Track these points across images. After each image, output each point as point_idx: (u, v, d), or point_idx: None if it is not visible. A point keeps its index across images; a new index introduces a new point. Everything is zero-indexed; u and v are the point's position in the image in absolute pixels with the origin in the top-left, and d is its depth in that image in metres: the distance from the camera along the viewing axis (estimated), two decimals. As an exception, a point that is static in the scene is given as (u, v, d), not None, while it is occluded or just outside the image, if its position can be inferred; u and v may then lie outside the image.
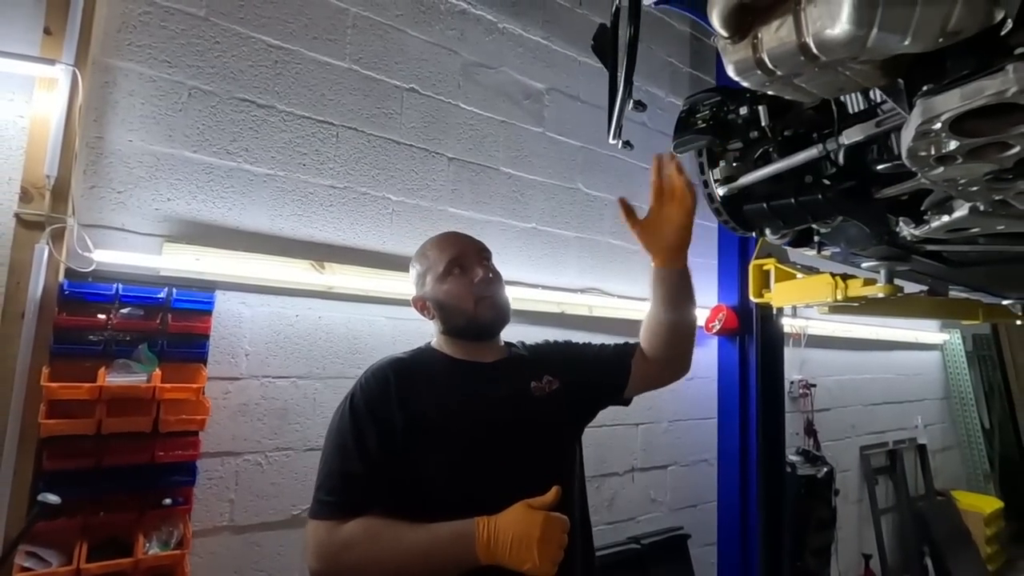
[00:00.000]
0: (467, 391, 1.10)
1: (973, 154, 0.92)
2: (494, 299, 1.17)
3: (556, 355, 1.28)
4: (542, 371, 1.20)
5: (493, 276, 1.19)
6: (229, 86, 1.76)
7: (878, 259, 1.89)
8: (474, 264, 1.18)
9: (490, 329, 1.18)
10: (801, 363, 3.67)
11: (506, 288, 1.22)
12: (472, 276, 1.16)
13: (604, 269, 2.71)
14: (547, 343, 1.35)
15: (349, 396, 1.07)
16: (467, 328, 1.16)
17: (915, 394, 4.81)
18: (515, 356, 1.24)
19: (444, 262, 1.16)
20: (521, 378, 1.17)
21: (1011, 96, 0.75)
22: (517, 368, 1.19)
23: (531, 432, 1.10)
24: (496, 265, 1.23)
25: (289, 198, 1.84)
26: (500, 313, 1.18)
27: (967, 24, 0.74)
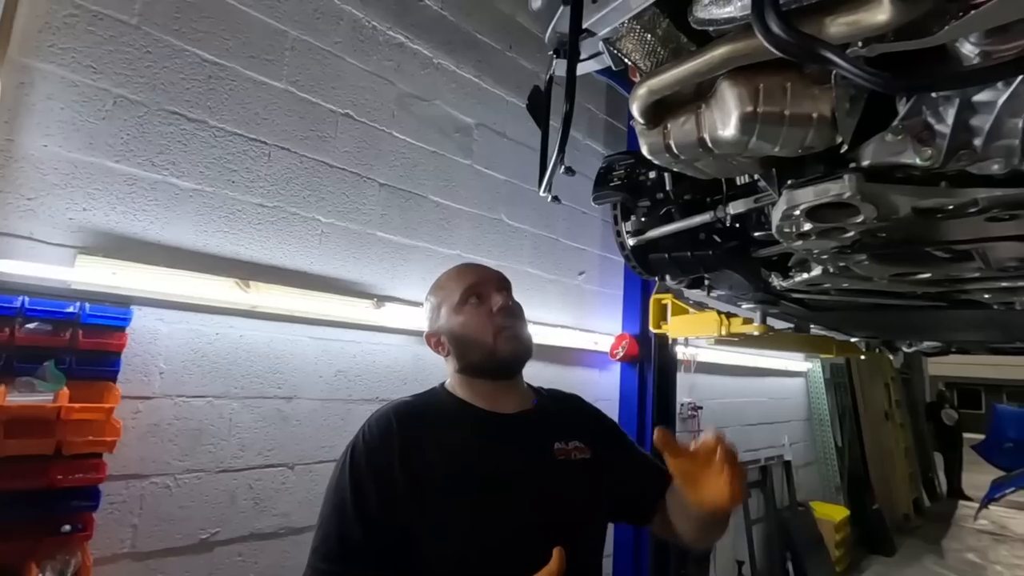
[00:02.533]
0: (479, 447, 0.99)
1: (823, 233, 1.18)
2: (515, 331, 1.08)
3: (594, 422, 1.17)
4: (573, 433, 1.08)
5: (514, 306, 1.13)
6: (159, 97, 1.72)
7: (755, 303, 2.20)
8: (492, 293, 1.11)
9: (511, 365, 1.08)
10: (690, 387, 4.05)
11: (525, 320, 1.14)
12: (490, 305, 1.08)
13: (521, 296, 2.86)
14: (580, 401, 1.24)
15: (351, 446, 0.98)
16: (485, 364, 1.05)
17: (783, 416, 5.44)
18: (540, 408, 1.11)
19: (460, 291, 1.09)
20: (544, 435, 1.05)
21: (846, 198, 0.99)
22: (540, 423, 1.07)
23: (546, 503, 0.98)
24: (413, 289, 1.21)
25: (216, 214, 1.82)
26: (522, 347, 1.09)
27: (817, 143, 0.97)
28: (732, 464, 0.96)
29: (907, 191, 0.96)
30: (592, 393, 3.24)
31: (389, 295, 2.26)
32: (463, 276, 1.13)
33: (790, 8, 0.77)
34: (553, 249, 3.06)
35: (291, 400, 1.96)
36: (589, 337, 3.19)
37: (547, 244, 3.02)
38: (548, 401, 1.15)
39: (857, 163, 1.01)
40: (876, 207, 1.01)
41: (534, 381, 1.20)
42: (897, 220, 1.06)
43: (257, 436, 1.87)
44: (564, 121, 1.14)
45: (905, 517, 6.69)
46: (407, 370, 2.31)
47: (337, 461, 0.97)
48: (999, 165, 0.87)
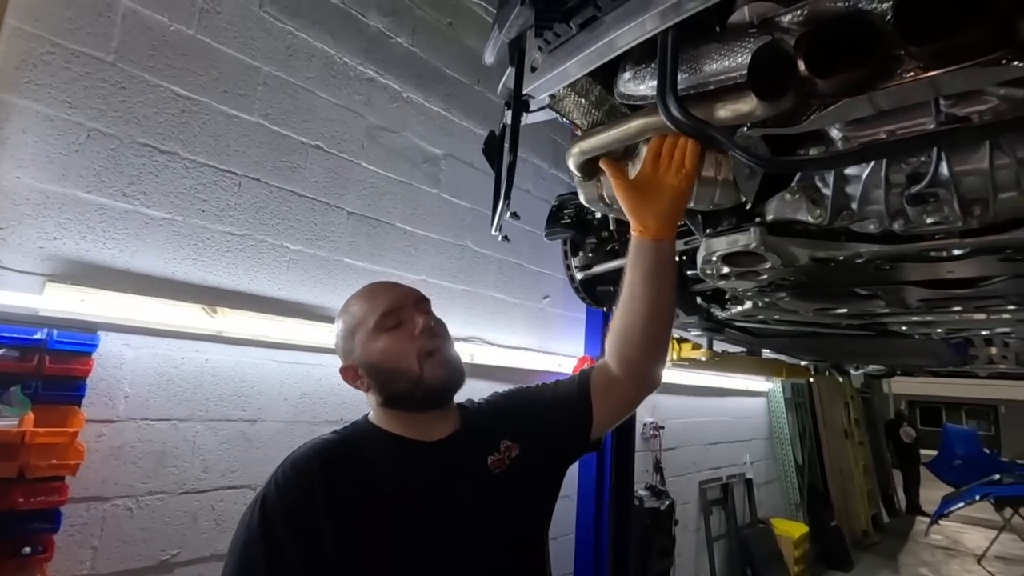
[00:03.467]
0: (414, 482, 0.92)
1: (741, 275, 1.31)
2: (443, 354, 0.98)
3: (509, 411, 1.10)
4: (498, 437, 1.03)
5: (437, 326, 1.02)
6: (132, 130, 1.79)
7: (701, 330, 2.34)
8: (413, 314, 1.00)
9: (442, 392, 0.99)
10: (653, 407, 4.19)
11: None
12: (411, 328, 0.98)
13: (486, 320, 2.97)
14: (498, 396, 1.16)
15: (260, 498, 0.85)
16: (413, 395, 0.96)
17: (745, 435, 5.61)
18: (468, 425, 1.04)
19: (376, 316, 0.98)
20: (476, 453, 0.99)
21: (752, 248, 1.12)
22: (471, 441, 1.01)
23: (494, 525, 0.94)
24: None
25: (185, 242, 1.89)
26: (452, 371, 0.99)
27: (726, 200, 1.10)
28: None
29: (803, 243, 1.10)
30: (555, 413, 3.34)
31: (355, 319, 2.34)
32: (376, 298, 1.02)
33: (688, 93, 0.90)
34: (518, 274, 3.18)
35: (255, 423, 2.02)
36: (553, 359, 3.30)
37: (512, 269, 3.14)
38: (474, 414, 1.08)
39: (763, 217, 1.14)
40: (779, 256, 1.14)
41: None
42: (800, 267, 1.20)
43: (221, 458, 1.92)
44: (507, 170, 1.26)
45: (864, 533, 6.90)
46: (371, 392, 2.38)
47: (243, 515, 0.86)
48: (874, 225, 1.01)
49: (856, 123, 0.84)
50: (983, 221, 0.90)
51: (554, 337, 3.35)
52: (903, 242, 1.01)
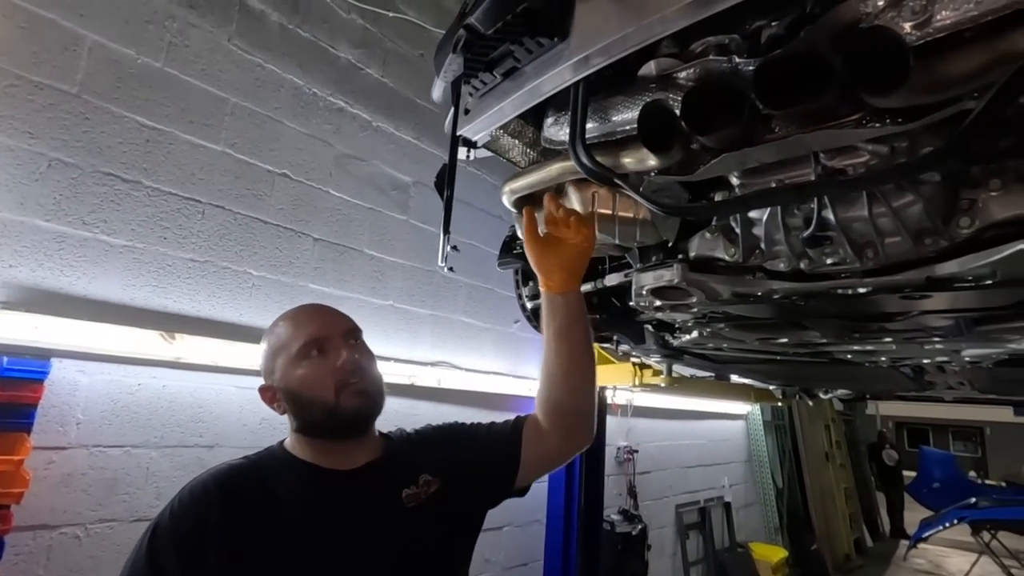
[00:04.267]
0: (319, 512, 0.90)
1: (674, 308, 1.36)
2: (362, 385, 0.97)
3: (436, 445, 1.09)
4: (418, 470, 1.01)
5: (362, 358, 1.01)
6: (94, 160, 1.83)
7: (661, 357, 2.38)
8: (339, 345, 0.99)
9: (354, 423, 0.98)
10: (627, 431, 4.20)
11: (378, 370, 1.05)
12: (335, 359, 0.96)
13: (455, 345, 3.00)
14: (430, 429, 1.15)
15: (152, 526, 0.84)
16: (326, 424, 0.96)
17: (723, 457, 5.62)
18: (388, 455, 1.03)
19: (300, 342, 0.96)
20: (391, 485, 0.98)
21: (675, 283, 1.17)
22: (388, 472, 0.99)
23: (402, 560, 0.92)
24: None
25: (145, 269, 1.91)
26: (368, 402, 0.98)
27: (648, 238, 1.15)
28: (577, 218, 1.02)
29: (722, 279, 1.15)
30: (526, 438, 3.35)
31: (319, 344, 2.36)
32: (303, 325, 1.00)
33: (598, 141, 0.96)
34: (488, 298, 3.22)
35: (213, 448, 2.02)
36: (524, 384, 3.32)
37: (482, 294, 3.17)
38: (398, 444, 1.08)
39: (686, 254, 1.20)
40: (702, 291, 1.19)
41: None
42: (725, 300, 1.24)
43: (175, 485, 1.90)
44: (446, 204, 1.30)
45: (846, 557, 6.88)
46: (335, 417, 2.39)
47: (137, 541, 0.84)
48: (783, 264, 1.06)
49: (752, 172, 0.89)
50: (878, 263, 0.96)
51: (525, 361, 3.38)
52: (811, 280, 1.06)
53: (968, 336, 1.34)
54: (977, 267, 0.88)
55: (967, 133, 0.59)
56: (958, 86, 0.62)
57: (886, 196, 0.82)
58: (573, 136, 0.92)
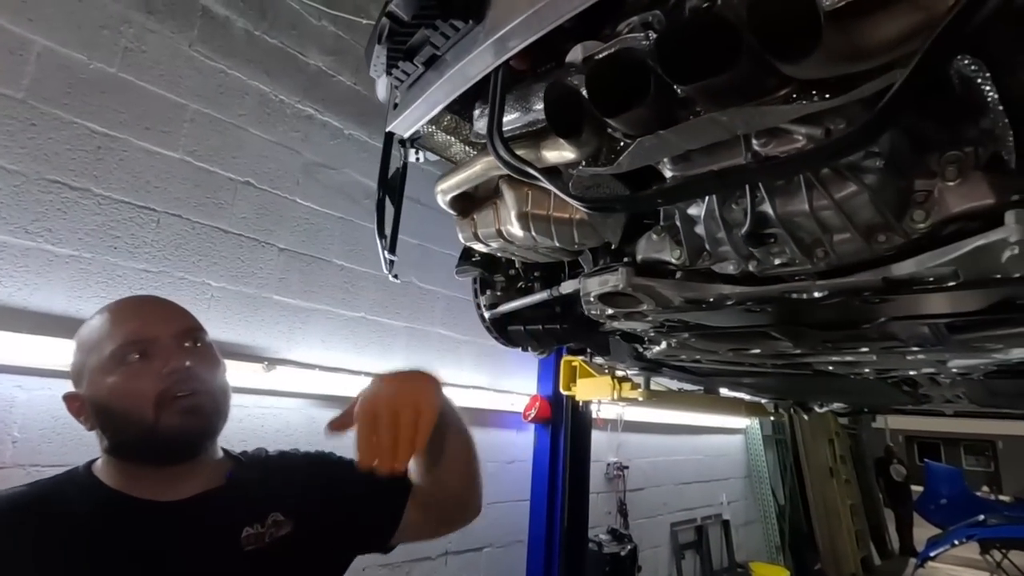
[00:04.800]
0: (118, 556, 0.73)
1: (628, 316, 1.26)
2: (192, 401, 0.80)
3: (301, 480, 0.93)
4: (269, 506, 0.85)
5: (198, 365, 0.82)
6: (40, 167, 1.77)
7: (639, 369, 2.28)
8: (168, 348, 0.81)
9: (177, 447, 0.80)
10: (618, 446, 4.08)
11: (223, 379, 0.89)
12: (160, 366, 0.79)
13: (432, 358, 2.91)
14: (300, 457, 1.00)
15: None
16: (141, 446, 0.78)
17: (721, 473, 5.47)
18: (232, 484, 0.86)
19: (116, 342, 0.79)
20: (227, 522, 0.81)
21: (620, 289, 1.08)
22: (225, 506, 0.83)
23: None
24: (312, 352, 0.94)
25: (93, 280, 1.84)
26: (199, 422, 0.81)
27: (588, 240, 1.06)
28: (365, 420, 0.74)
29: (669, 284, 1.06)
30: (509, 454, 3.25)
31: (284, 358, 2.28)
32: (122, 321, 0.83)
33: (520, 133, 0.88)
34: (467, 310, 3.12)
35: (164, 467, 1.93)
36: (506, 398, 3.22)
37: (460, 305, 3.09)
38: (248, 470, 0.91)
39: (633, 257, 1.11)
40: (651, 297, 1.10)
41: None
42: (678, 307, 1.15)
43: (121, 506, 1.82)
44: (376, 208, 1.23)
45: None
46: (299, 434, 2.30)
47: None
48: (732, 266, 0.97)
49: (682, 161, 0.81)
50: (830, 263, 0.87)
51: (507, 374, 3.28)
52: (762, 283, 0.97)
53: (949, 346, 1.24)
54: (936, 267, 0.78)
55: (889, 108, 0.51)
56: (880, 54, 0.54)
57: (827, 187, 0.74)
58: (490, 127, 0.84)
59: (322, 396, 2.38)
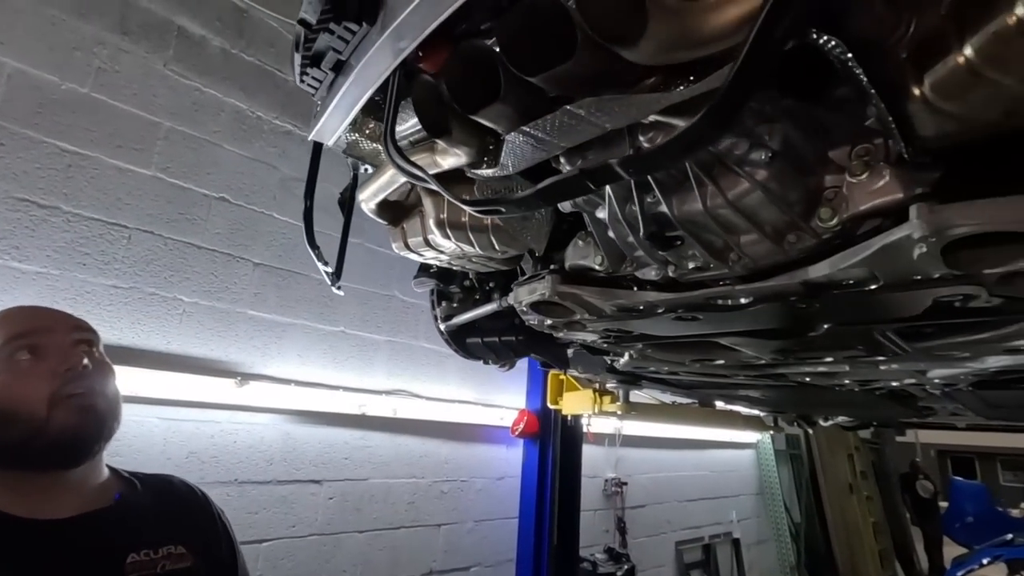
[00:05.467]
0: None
1: (568, 326, 1.22)
2: (90, 400, 0.79)
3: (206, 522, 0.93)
4: (163, 535, 0.83)
5: (91, 366, 0.81)
6: (8, 185, 1.80)
7: (617, 382, 2.21)
8: (63, 347, 0.80)
9: (69, 448, 0.78)
10: (616, 462, 3.98)
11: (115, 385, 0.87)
12: (53, 363, 0.78)
13: (416, 372, 2.87)
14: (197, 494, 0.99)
15: None
16: (26, 449, 0.75)
17: (730, 490, 5.30)
18: (121, 505, 0.84)
19: (5, 340, 0.78)
20: (109, 547, 0.77)
21: (547, 297, 1.04)
22: (111, 527, 0.79)
23: None
24: (288, 367, 0.94)
25: (60, 296, 1.85)
26: (93, 420, 0.79)
27: (509, 247, 1.02)
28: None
29: (594, 292, 1.01)
30: (499, 470, 3.18)
31: (259, 373, 2.27)
32: (7, 322, 0.82)
33: (414, 140, 0.85)
34: (453, 323, 3.09)
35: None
36: (495, 412, 3.16)
37: (446, 319, 3.05)
38: (142, 494, 0.89)
39: (561, 264, 1.06)
40: (580, 306, 1.05)
41: (431, 460, 1.07)
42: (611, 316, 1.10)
43: (86, 523, 1.81)
44: (304, 217, 1.20)
45: (875, 598, 6.38)
46: (274, 449, 2.27)
47: None
48: (654, 272, 0.92)
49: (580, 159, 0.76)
50: (746, 267, 0.81)
51: (497, 388, 3.23)
52: (686, 289, 0.91)
53: (912, 355, 1.17)
54: (849, 269, 0.73)
55: (727, 97, 0.46)
56: (715, 40, 0.49)
57: (718, 184, 0.69)
58: (384, 132, 0.81)
59: (299, 412, 2.36)
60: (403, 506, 2.69)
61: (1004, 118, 0.53)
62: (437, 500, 2.84)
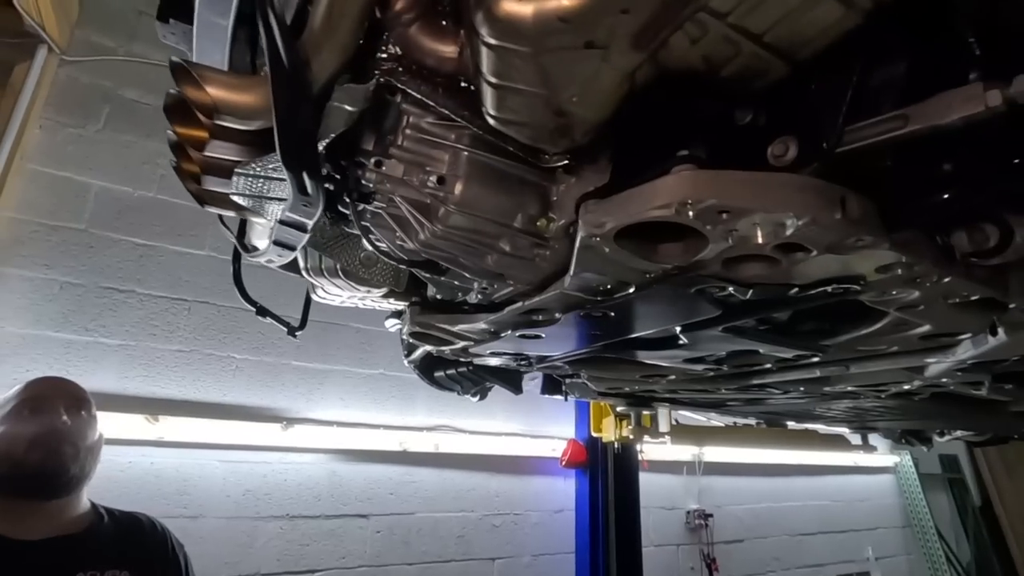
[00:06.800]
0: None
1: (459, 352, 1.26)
2: (55, 445, 1.03)
3: (158, 551, 1.16)
4: (113, 561, 1.03)
5: (73, 425, 1.08)
6: (96, 278, 2.27)
7: (626, 405, 2.14)
8: (55, 408, 1.08)
9: (36, 482, 1.01)
10: (699, 492, 3.69)
11: (92, 439, 1.14)
12: (41, 419, 1.05)
13: (458, 407, 2.98)
14: (159, 531, 1.23)
15: None
16: (9, 479, 1.01)
17: (863, 522, 4.60)
18: (87, 533, 1.07)
19: (17, 400, 1.08)
20: (63, 564, 0.97)
21: (406, 329, 1.10)
22: (68, 551, 1.00)
23: None
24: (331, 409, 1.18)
25: (137, 363, 2.27)
26: (57, 463, 1.02)
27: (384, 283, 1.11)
28: None
29: (443, 320, 1.06)
30: (556, 503, 3.14)
31: (304, 417, 2.54)
32: (30, 388, 1.14)
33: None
34: (494, 357, 3.17)
35: (197, 519, 2.24)
36: (546, 444, 3.15)
37: (486, 353, 3.15)
38: (107, 526, 1.12)
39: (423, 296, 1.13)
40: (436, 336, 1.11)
41: (479, 493, 1.15)
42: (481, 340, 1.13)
43: (161, 553, 2.15)
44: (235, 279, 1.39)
45: (1099, 662, 5.02)
46: (321, 486, 2.51)
47: None
48: (473, 297, 0.96)
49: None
50: (526, 282, 0.82)
51: (547, 419, 3.22)
52: (499, 309, 0.93)
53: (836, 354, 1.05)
54: (584, 275, 0.71)
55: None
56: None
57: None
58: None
59: (342, 451, 2.58)
60: (452, 540, 2.77)
61: (556, 117, 0.53)
62: (488, 534, 2.88)
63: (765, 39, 0.45)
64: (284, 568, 2.36)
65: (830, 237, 0.54)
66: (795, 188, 0.51)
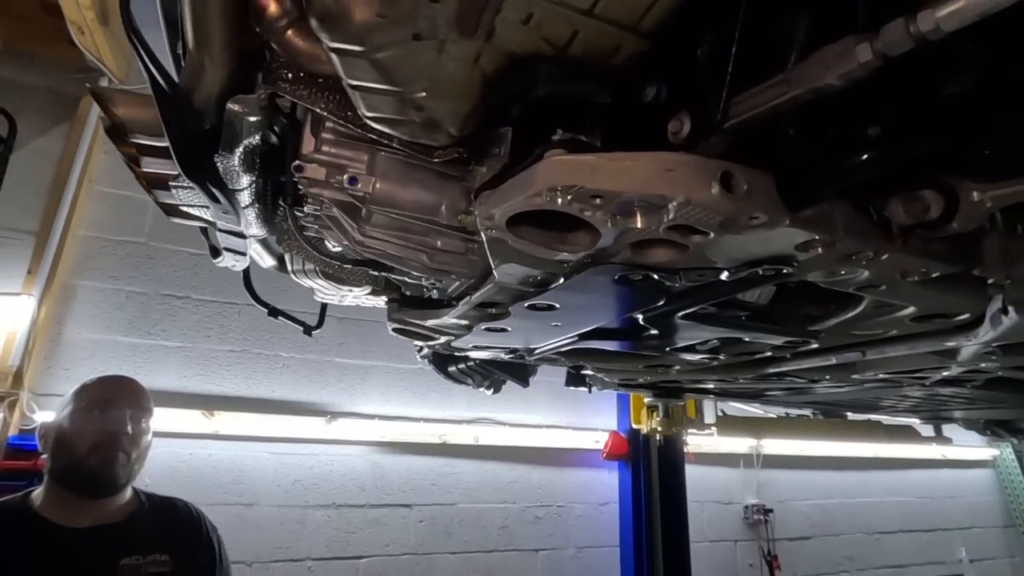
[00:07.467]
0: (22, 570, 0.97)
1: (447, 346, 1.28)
2: (112, 454, 1.10)
3: (190, 534, 1.24)
4: (152, 546, 1.11)
5: (134, 434, 1.17)
6: (156, 286, 2.49)
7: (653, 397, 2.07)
8: (120, 415, 1.15)
9: (92, 483, 1.09)
10: (758, 486, 3.52)
11: (144, 446, 1.21)
12: (107, 424, 1.12)
13: (499, 400, 2.99)
14: (190, 512, 1.34)
15: None
16: (67, 473, 1.08)
17: (953, 521, 4.21)
18: (130, 520, 1.15)
19: (89, 399, 1.16)
20: (111, 552, 1.06)
21: (392, 326, 1.13)
22: (115, 537, 1.09)
23: None
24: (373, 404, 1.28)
25: (194, 363, 2.47)
26: (110, 468, 1.10)
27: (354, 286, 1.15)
28: None
29: (417, 315, 1.07)
30: (602, 495, 3.11)
31: (346, 411, 2.66)
32: (101, 388, 1.23)
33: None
34: (533, 350, 3.17)
35: (252, 506, 2.41)
36: (589, 436, 3.12)
37: (525, 346, 3.15)
38: (147, 513, 1.21)
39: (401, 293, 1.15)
40: (416, 331, 1.13)
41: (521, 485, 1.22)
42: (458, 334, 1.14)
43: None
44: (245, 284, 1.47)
45: None
46: (365, 477, 2.62)
47: None
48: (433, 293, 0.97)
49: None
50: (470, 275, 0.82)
51: (589, 411, 3.18)
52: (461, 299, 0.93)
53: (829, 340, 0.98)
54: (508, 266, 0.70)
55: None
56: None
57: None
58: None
59: (384, 443, 2.68)
60: (495, 530, 2.81)
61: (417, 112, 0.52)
62: (531, 525, 2.89)
63: (596, 11, 0.42)
64: (332, 554, 2.49)
65: (717, 216, 0.50)
66: (663, 166, 0.47)
